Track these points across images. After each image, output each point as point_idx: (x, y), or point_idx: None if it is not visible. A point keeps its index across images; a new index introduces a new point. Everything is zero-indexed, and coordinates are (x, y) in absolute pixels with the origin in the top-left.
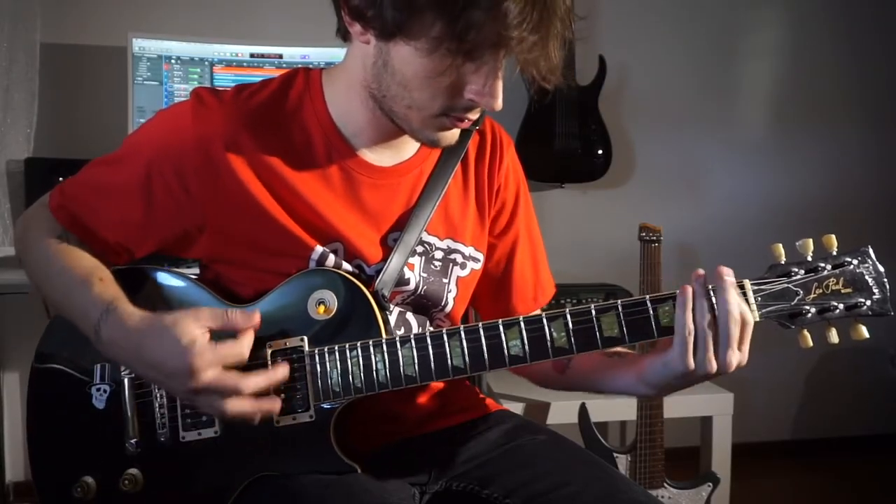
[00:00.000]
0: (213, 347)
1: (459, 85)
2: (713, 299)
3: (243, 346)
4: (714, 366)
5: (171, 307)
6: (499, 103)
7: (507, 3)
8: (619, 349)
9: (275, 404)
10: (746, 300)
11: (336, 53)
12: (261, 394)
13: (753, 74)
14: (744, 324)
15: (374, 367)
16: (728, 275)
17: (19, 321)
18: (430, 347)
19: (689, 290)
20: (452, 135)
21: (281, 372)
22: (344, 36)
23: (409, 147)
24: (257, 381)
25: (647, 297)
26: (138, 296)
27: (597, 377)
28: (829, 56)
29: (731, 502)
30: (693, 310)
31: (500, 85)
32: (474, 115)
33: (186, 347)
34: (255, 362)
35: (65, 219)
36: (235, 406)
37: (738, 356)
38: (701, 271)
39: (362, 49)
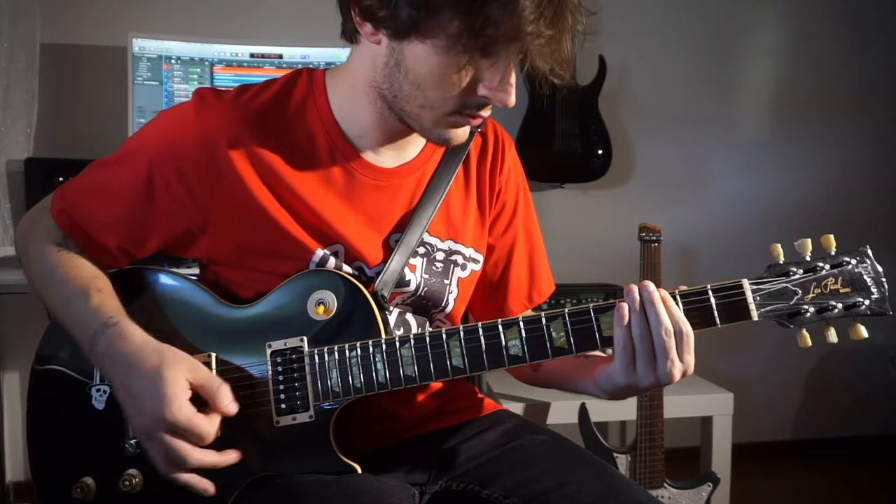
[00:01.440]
0: (188, 415)
1: (473, 82)
2: (646, 310)
3: (211, 429)
4: (653, 378)
5: (171, 308)
6: (513, 99)
7: None
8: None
9: (208, 486)
10: (745, 300)
11: (336, 53)
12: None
13: (754, 74)
14: (679, 334)
15: (373, 368)
16: (652, 289)
17: (19, 321)
18: (429, 348)
19: (625, 306)
20: (463, 132)
21: (230, 457)
22: (351, 38)
23: (411, 148)
24: (205, 460)
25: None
26: (139, 297)
27: (564, 377)
28: (830, 56)
29: (731, 502)
30: (629, 324)
31: (513, 80)
32: (486, 112)
33: (170, 398)
34: (254, 363)
35: (66, 224)
36: (174, 470)
37: (679, 367)
38: (633, 286)
39: (372, 50)
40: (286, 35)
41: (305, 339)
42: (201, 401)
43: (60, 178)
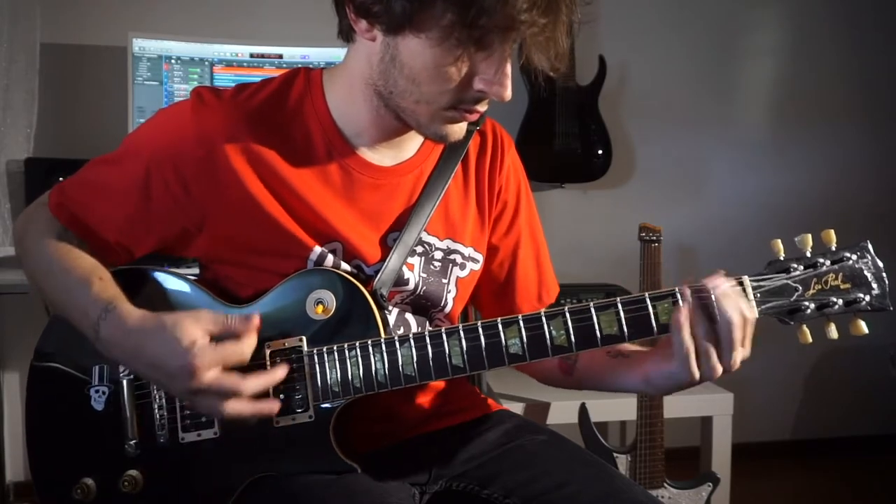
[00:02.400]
0: (214, 348)
1: (469, 75)
2: (711, 308)
3: (245, 347)
4: (719, 370)
5: (171, 308)
6: (508, 92)
7: None
8: (628, 346)
9: (273, 406)
10: (746, 297)
11: (336, 53)
12: (260, 395)
13: (753, 74)
14: (746, 323)
15: (373, 367)
16: (724, 283)
17: (19, 321)
18: (428, 347)
19: (682, 311)
20: (460, 129)
21: (280, 373)
22: (346, 36)
23: (409, 147)
24: (257, 382)
25: (647, 294)
26: (138, 296)
27: (603, 379)
28: (829, 56)
29: (731, 502)
30: (689, 327)
31: (509, 73)
32: (483, 107)
33: (187, 348)
34: (254, 362)
35: (64, 217)
36: (234, 407)
37: (742, 354)
38: (686, 289)
39: (367, 47)
40: (286, 35)
41: (304, 338)
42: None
43: (60, 178)
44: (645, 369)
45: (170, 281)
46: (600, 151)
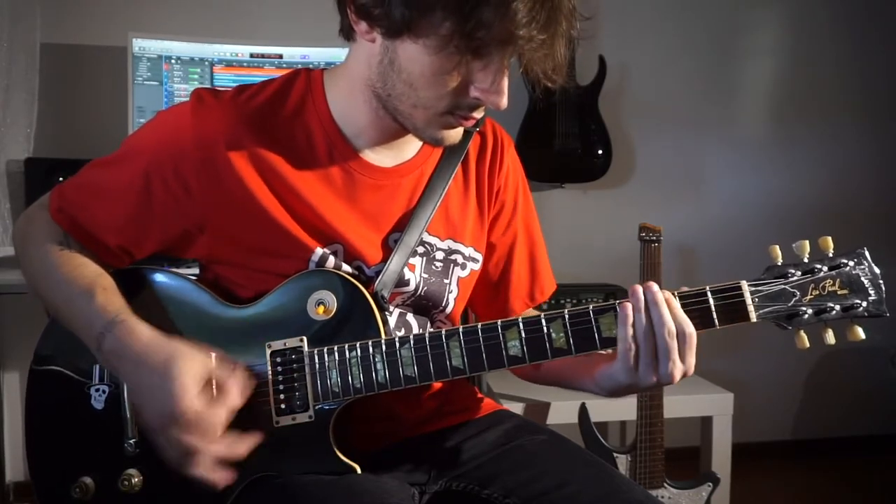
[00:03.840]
0: (198, 410)
1: (465, 83)
2: (651, 310)
3: (221, 422)
4: (654, 378)
5: (171, 308)
6: (504, 101)
7: (516, 2)
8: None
9: (219, 478)
10: (744, 301)
11: (336, 53)
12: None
13: (753, 74)
14: (682, 335)
15: (373, 368)
16: (655, 290)
17: (19, 321)
18: (428, 348)
19: (629, 305)
20: (457, 133)
21: (242, 448)
22: (347, 35)
23: (410, 148)
24: (217, 451)
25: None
26: (139, 297)
27: (564, 376)
28: (829, 56)
29: (731, 502)
30: (633, 325)
31: (506, 83)
32: (479, 114)
33: (178, 393)
34: (254, 363)
35: (65, 222)
36: (186, 463)
37: (680, 367)
38: (637, 287)
39: (367, 48)
40: (286, 35)
41: (305, 339)
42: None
43: (60, 178)
44: (595, 371)
45: (171, 281)
46: (600, 151)
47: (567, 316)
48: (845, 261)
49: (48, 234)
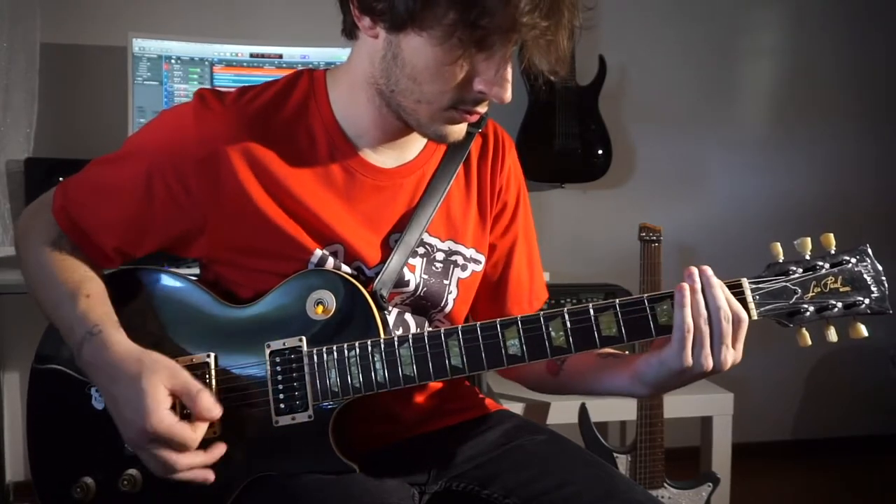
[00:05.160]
0: (169, 425)
1: (469, 76)
2: (709, 294)
3: (194, 436)
4: (710, 363)
5: (170, 308)
6: (508, 94)
7: None
8: (611, 350)
9: (207, 476)
10: (745, 299)
11: (336, 53)
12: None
13: (753, 74)
14: (737, 322)
15: (372, 368)
16: (710, 274)
17: (19, 321)
18: (427, 348)
19: (686, 287)
20: (460, 130)
21: (217, 454)
22: (350, 34)
23: (412, 148)
24: (193, 462)
25: (645, 296)
26: (138, 296)
27: (590, 378)
28: (829, 56)
29: (731, 502)
30: (691, 306)
31: (509, 75)
32: (483, 108)
33: (148, 409)
34: (254, 362)
35: (64, 221)
36: (167, 475)
37: (732, 354)
38: (693, 269)
39: (370, 44)
40: (286, 35)
41: (304, 338)
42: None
43: (60, 178)
44: (634, 366)
45: (170, 281)
46: (600, 151)
47: (566, 314)
48: (847, 258)
49: (45, 233)
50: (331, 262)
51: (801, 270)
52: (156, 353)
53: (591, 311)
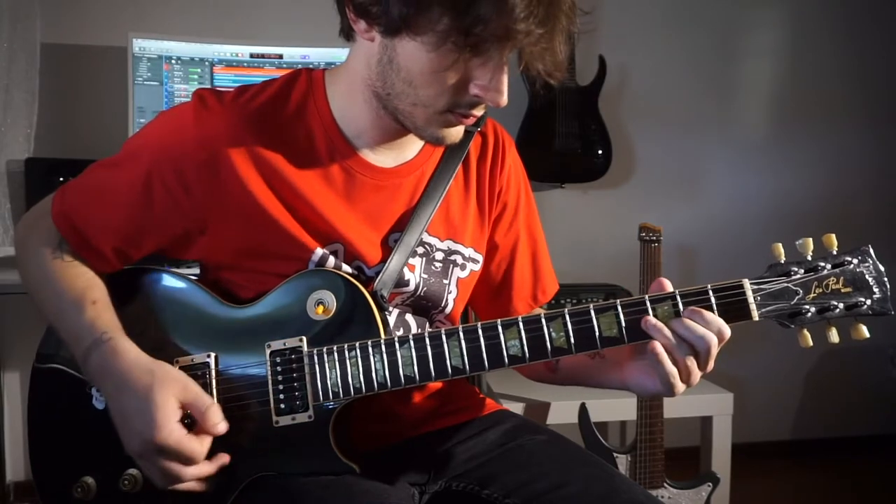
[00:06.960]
0: (178, 439)
1: (465, 80)
2: (685, 334)
3: (201, 450)
4: (689, 383)
5: (171, 308)
6: (504, 98)
7: None
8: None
9: (206, 488)
10: (746, 300)
11: (336, 53)
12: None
13: (753, 74)
14: (721, 340)
15: (372, 368)
16: (703, 313)
17: (19, 321)
18: (428, 348)
19: (658, 345)
20: (457, 132)
21: (220, 463)
22: (347, 35)
23: (411, 148)
24: (199, 474)
25: (646, 296)
26: (138, 297)
27: (585, 378)
28: (829, 56)
29: (731, 502)
30: (671, 351)
31: (505, 80)
32: (479, 112)
33: (158, 422)
34: (254, 362)
35: (64, 226)
36: (169, 485)
37: (706, 370)
38: (648, 319)
39: (366, 47)
40: (286, 35)
41: (305, 339)
42: (192, 418)
43: (60, 179)
44: (623, 378)
45: (171, 281)
46: (600, 151)
47: (567, 315)
48: (849, 258)
49: (46, 239)
50: (331, 261)
51: (802, 271)
52: (167, 365)
53: (592, 312)
